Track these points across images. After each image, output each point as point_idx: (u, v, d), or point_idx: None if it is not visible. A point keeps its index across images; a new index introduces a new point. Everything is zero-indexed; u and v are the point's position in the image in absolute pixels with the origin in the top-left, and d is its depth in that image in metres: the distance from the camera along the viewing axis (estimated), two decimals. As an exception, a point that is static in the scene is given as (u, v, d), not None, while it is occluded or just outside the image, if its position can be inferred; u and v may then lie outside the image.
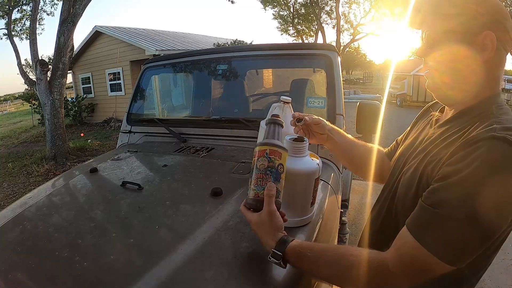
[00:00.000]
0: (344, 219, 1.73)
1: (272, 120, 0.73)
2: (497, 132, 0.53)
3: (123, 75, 10.11)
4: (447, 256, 0.52)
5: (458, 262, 0.52)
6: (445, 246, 0.52)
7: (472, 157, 0.52)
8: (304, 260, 0.61)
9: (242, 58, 1.72)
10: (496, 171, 0.50)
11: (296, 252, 0.62)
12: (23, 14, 10.27)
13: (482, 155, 0.51)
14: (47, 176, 5.15)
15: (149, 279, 0.63)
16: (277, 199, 0.66)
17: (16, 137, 10.11)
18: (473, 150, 0.52)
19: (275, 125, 0.73)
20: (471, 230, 0.51)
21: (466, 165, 0.52)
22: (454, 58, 0.62)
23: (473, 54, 0.60)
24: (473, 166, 0.51)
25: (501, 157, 0.51)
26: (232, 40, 14.34)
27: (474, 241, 0.52)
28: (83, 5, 5.78)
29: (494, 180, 0.50)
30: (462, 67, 0.62)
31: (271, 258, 0.63)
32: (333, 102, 1.38)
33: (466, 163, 0.52)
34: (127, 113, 1.87)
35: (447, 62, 0.64)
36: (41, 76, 5.73)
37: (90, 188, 1.13)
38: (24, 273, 0.70)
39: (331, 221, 1.01)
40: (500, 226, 0.52)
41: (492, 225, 0.51)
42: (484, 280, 2.18)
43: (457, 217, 0.51)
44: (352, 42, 21.35)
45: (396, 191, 0.71)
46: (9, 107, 28.69)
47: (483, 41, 0.59)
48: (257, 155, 0.67)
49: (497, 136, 0.52)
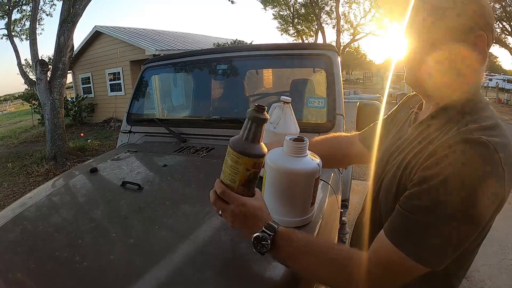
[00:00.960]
0: (344, 219, 1.73)
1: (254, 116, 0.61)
2: (472, 134, 0.53)
3: (123, 75, 10.11)
4: (425, 259, 0.52)
5: (437, 265, 0.53)
6: (422, 250, 0.52)
7: (446, 163, 0.52)
8: (294, 244, 0.60)
9: (242, 58, 1.72)
10: (469, 176, 0.50)
11: (287, 234, 0.61)
12: (23, 14, 10.27)
13: (456, 160, 0.51)
14: (47, 176, 5.15)
15: (149, 279, 0.63)
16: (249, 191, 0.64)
17: (16, 137, 10.10)
18: (447, 154, 0.52)
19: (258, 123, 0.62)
20: (447, 234, 0.51)
21: (439, 171, 0.52)
22: (444, 54, 0.61)
23: (463, 53, 0.60)
24: (447, 172, 0.51)
25: (474, 161, 0.50)
26: (232, 40, 14.33)
27: (451, 244, 0.52)
28: (83, 5, 5.77)
29: (467, 185, 0.50)
30: (450, 64, 0.62)
31: (260, 236, 0.59)
32: (333, 102, 1.38)
33: (440, 168, 0.52)
34: (127, 113, 1.87)
35: (437, 57, 0.62)
36: (41, 76, 5.73)
37: (90, 188, 1.13)
38: (24, 273, 0.70)
39: (331, 221, 1.01)
40: (477, 226, 0.53)
41: (468, 228, 0.52)
42: (484, 280, 2.18)
43: (432, 222, 0.51)
44: (352, 42, 21.34)
45: (380, 190, 0.72)
46: (9, 107, 28.68)
47: (474, 41, 0.59)
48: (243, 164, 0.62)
49: (470, 139, 0.52)
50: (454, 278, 0.65)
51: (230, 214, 0.63)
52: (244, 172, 0.61)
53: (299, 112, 1.43)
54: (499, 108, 12.85)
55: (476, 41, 0.59)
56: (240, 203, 0.62)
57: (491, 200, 0.52)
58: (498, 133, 0.55)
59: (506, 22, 17.29)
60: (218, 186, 0.64)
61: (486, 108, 0.61)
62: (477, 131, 0.53)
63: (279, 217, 0.79)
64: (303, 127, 1.10)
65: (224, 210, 0.64)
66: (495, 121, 0.58)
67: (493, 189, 0.51)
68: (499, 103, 14.80)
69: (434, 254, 0.52)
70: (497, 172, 0.51)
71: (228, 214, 0.63)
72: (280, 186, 0.77)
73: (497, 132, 0.55)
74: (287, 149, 0.76)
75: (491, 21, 0.61)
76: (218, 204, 0.64)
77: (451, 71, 0.62)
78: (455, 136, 0.54)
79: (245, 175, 0.62)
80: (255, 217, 0.62)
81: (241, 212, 0.62)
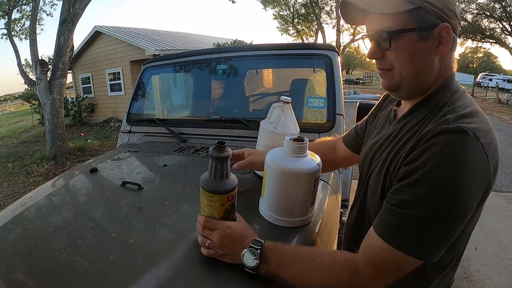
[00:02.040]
0: (344, 219, 1.73)
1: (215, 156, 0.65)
2: (450, 124, 0.52)
3: (123, 75, 10.12)
4: (418, 252, 0.52)
5: (431, 257, 0.53)
6: (413, 243, 0.52)
7: (428, 155, 0.51)
8: (281, 254, 0.60)
9: (242, 58, 1.72)
10: (451, 166, 0.50)
11: (274, 245, 0.62)
12: (23, 14, 10.27)
13: (437, 151, 0.51)
14: (47, 176, 5.15)
15: (149, 279, 0.63)
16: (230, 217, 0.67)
17: (16, 137, 10.11)
18: (428, 147, 0.52)
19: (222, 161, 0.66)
20: (436, 225, 0.51)
21: (422, 164, 0.52)
22: (413, 55, 0.60)
23: (430, 49, 0.58)
24: (430, 164, 0.51)
25: (457, 149, 0.50)
26: (232, 40, 14.33)
27: (441, 234, 0.52)
28: (83, 5, 5.78)
29: (451, 175, 0.50)
30: (421, 63, 0.60)
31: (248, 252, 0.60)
32: (333, 102, 1.38)
33: (422, 161, 0.52)
34: (127, 113, 1.86)
35: (406, 60, 0.60)
36: (41, 76, 5.73)
37: (90, 188, 1.13)
38: (24, 273, 0.70)
39: (331, 221, 1.01)
40: (466, 214, 0.53)
41: (457, 216, 0.52)
42: (484, 280, 2.18)
43: (420, 215, 0.51)
44: (352, 42, 21.33)
45: (366, 190, 0.72)
46: (9, 107, 28.69)
47: (439, 34, 0.57)
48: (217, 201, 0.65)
49: (449, 129, 0.51)
50: (448, 267, 0.65)
51: (217, 239, 0.63)
52: (220, 207, 0.65)
53: (299, 112, 1.43)
54: (499, 108, 12.85)
55: (441, 34, 0.57)
56: (225, 226, 0.64)
57: (477, 187, 0.52)
58: (477, 119, 0.55)
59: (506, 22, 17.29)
60: (201, 219, 0.66)
61: (463, 97, 0.61)
62: (455, 120, 0.53)
63: (279, 217, 0.79)
64: (303, 127, 1.10)
65: (211, 235, 0.64)
66: (473, 107, 0.58)
67: (479, 176, 0.51)
68: (499, 103, 14.78)
69: (426, 246, 0.52)
70: (482, 158, 0.51)
71: (215, 238, 0.63)
72: (280, 186, 0.77)
73: (476, 119, 0.55)
74: (287, 149, 0.76)
75: (452, 6, 0.58)
76: (205, 232, 0.65)
77: (422, 71, 0.61)
78: (435, 127, 0.54)
79: (222, 209, 0.66)
80: (242, 236, 0.64)
81: (228, 234, 0.63)
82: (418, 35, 0.58)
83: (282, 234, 0.76)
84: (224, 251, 0.64)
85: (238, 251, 0.62)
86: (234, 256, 0.63)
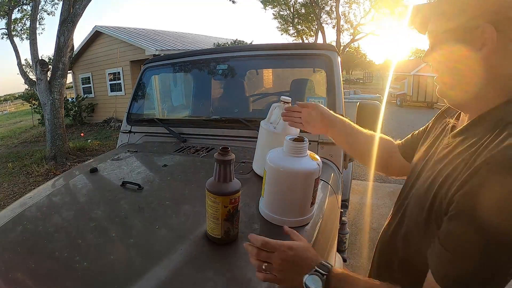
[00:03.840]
0: (344, 219, 1.73)
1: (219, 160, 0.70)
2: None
3: (123, 75, 10.11)
4: None
5: None
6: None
7: (491, 188, 0.44)
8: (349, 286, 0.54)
9: (242, 58, 1.72)
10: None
11: (343, 275, 0.55)
12: (23, 14, 10.27)
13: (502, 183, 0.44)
14: (47, 176, 5.15)
15: (149, 279, 0.63)
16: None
17: (16, 137, 10.11)
18: (492, 176, 0.45)
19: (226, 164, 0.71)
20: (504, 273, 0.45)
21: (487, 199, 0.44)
22: (452, 57, 0.58)
23: (471, 51, 0.54)
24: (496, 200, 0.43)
25: None
26: (232, 40, 14.33)
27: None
28: (83, 5, 5.77)
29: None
30: (461, 66, 0.58)
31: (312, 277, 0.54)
32: (333, 102, 1.38)
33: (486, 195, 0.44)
34: (127, 113, 1.87)
35: (446, 62, 0.60)
36: (41, 76, 5.73)
37: (90, 188, 1.13)
38: (24, 273, 0.70)
39: (331, 221, 1.01)
40: None
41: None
42: (484, 280, 2.17)
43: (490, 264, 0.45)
44: (352, 42, 21.35)
45: (409, 203, 0.66)
46: (9, 107, 28.70)
47: (481, 36, 0.53)
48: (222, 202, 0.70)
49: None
50: None
51: (277, 262, 0.56)
52: (223, 209, 0.70)
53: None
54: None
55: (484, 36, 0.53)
56: (286, 247, 0.57)
57: None
58: None
59: (506, 22, 17.22)
60: (255, 239, 0.59)
61: None
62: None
63: (279, 217, 0.79)
64: (303, 127, 1.10)
65: (270, 258, 0.57)
66: None
67: None
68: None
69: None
70: None
71: (275, 262, 0.57)
72: (280, 186, 0.77)
73: None
74: (287, 149, 0.76)
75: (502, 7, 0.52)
76: (262, 255, 0.58)
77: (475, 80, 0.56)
78: (499, 154, 0.46)
79: (225, 211, 0.70)
80: (306, 258, 0.57)
81: (290, 256, 0.57)
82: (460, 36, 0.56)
83: (282, 234, 0.76)
84: (284, 276, 0.57)
85: (300, 275, 0.56)
86: (294, 281, 0.57)
